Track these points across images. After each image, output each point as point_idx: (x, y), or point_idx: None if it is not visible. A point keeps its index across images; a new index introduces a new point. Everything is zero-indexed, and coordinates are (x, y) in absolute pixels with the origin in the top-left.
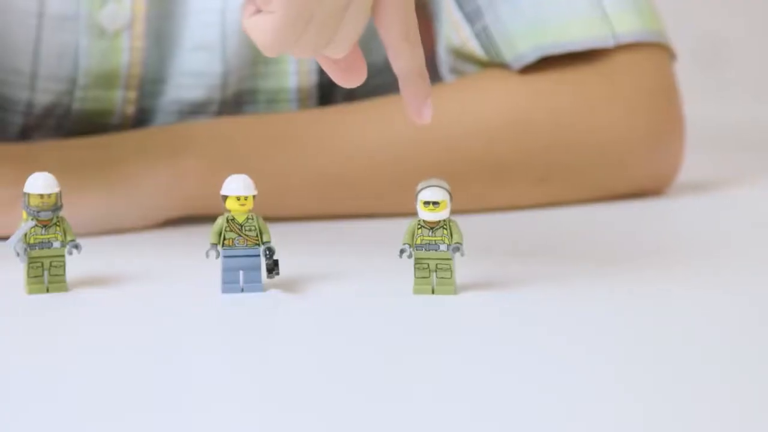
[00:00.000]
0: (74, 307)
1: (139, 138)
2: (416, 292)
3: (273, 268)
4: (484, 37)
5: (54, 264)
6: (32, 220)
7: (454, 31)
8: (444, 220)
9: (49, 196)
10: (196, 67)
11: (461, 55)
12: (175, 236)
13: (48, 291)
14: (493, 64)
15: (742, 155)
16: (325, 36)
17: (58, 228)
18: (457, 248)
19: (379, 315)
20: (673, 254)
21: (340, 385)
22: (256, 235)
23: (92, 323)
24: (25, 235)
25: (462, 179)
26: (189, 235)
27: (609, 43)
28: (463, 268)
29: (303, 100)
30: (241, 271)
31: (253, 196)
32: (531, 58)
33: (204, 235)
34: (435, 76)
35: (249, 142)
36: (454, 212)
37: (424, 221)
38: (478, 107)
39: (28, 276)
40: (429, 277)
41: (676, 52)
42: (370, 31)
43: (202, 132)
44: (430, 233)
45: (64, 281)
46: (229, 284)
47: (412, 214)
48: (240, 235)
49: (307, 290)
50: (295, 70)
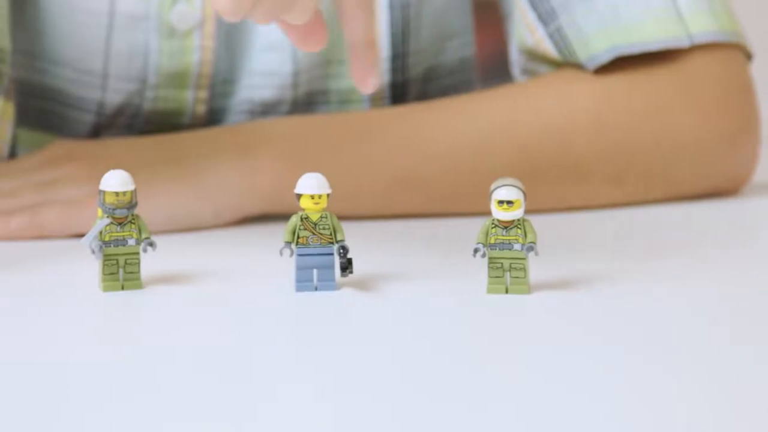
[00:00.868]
0: (149, 305)
1: (213, 136)
2: (490, 291)
3: (347, 266)
4: (558, 37)
5: (129, 261)
6: (108, 217)
7: (528, 32)
8: (518, 220)
9: (125, 193)
10: (267, 67)
11: (535, 56)
12: (249, 234)
13: (123, 288)
14: (566, 64)
15: None
16: (283, 2)
17: (133, 225)
18: (531, 248)
19: (453, 314)
20: (748, 254)
21: (413, 384)
22: (330, 234)
23: (167, 321)
24: (101, 233)
25: (536, 179)
26: (263, 234)
27: (684, 43)
28: (536, 268)
29: (375, 100)
30: (315, 270)
31: (327, 195)
32: (605, 58)
33: (278, 234)
34: (506, 77)
35: (323, 140)
36: (528, 212)
37: (498, 220)
38: (553, 107)
39: (104, 273)
40: (503, 277)
41: (752, 51)
42: (445, 31)
43: (277, 130)
44: (504, 232)
45: (139, 279)
46: (303, 283)
47: (486, 214)
48: (314, 234)
49: (380, 289)
50: None
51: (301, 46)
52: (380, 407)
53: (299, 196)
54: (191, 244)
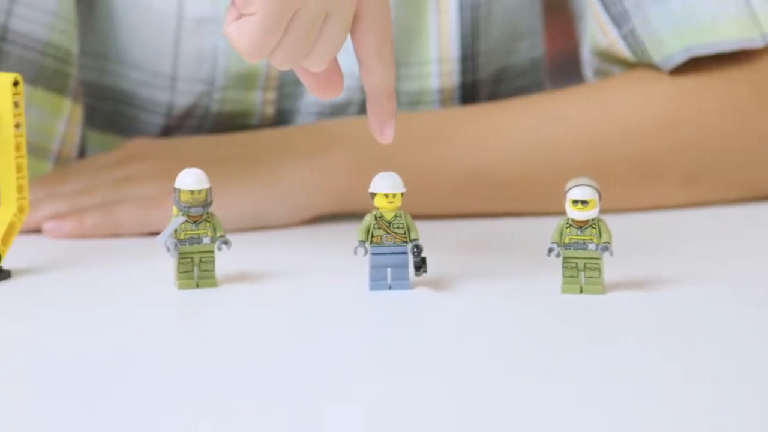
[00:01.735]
0: (223, 303)
1: (285, 135)
2: (564, 291)
3: (420, 265)
4: (631, 39)
5: (204, 260)
6: (183, 215)
7: (601, 33)
8: (593, 219)
9: (200, 192)
10: None
11: (608, 57)
12: (323, 233)
13: (198, 286)
14: (640, 65)
15: None
16: (305, 44)
17: (208, 224)
18: (606, 247)
19: (527, 314)
20: None
21: (486, 384)
22: (404, 233)
23: (241, 319)
24: (176, 231)
25: (610, 178)
26: (336, 233)
27: (758, 43)
28: (611, 268)
29: (445, 102)
30: (389, 269)
31: (402, 194)
32: (679, 59)
33: (351, 233)
34: (575, 77)
35: (397, 139)
36: (602, 211)
37: (573, 220)
38: (627, 107)
39: (179, 271)
40: (577, 277)
41: None
42: (515, 32)
43: (349, 130)
44: (579, 232)
45: (214, 277)
46: (377, 281)
47: (560, 213)
48: (388, 233)
49: (454, 288)
50: (437, 72)
51: (319, 93)
52: (452, 407)
53: (373, 195)
54: (265, 242)
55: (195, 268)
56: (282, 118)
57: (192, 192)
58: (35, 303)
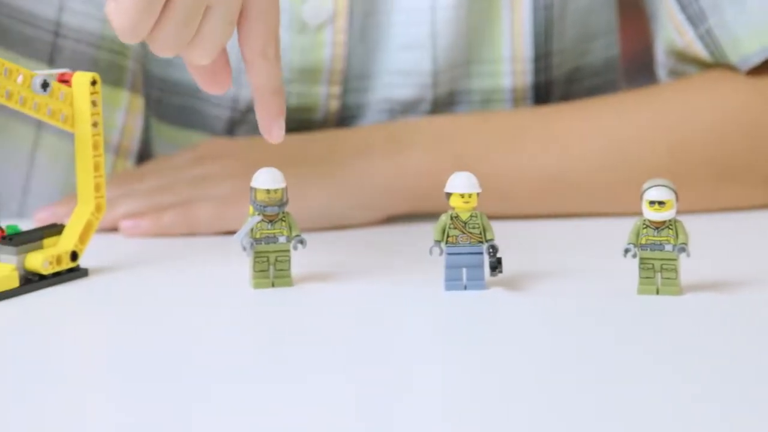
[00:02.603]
0: (298, 302)
1: (361, 134)
2: (641, 292)
3: (496, 266)
4: (708, 39)
5: (279, 259)
6: (259, 214)
7: (677, 33)
8: (670, 220)
9: (276, 191)
10: (405, 66)
11: (684, 57)
12: (398, 233)
13: (273, 285)
14: (716, 65)
15: None
16: (184, 33)
17: (284, 223)
18: (683, 248)
19: (602, 315)
20: None
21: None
22: (480, 233)
23: (316, 318)
24: (252, 230)
25: (687, 179)
26: (412, 232)
27: None
28: (688, 269)
29: (517, 101)
30: (464, 269)
31: (477, 194)
32: (758, 59)
33: (427, 232)
34: (649, 77)
35: (472, 139)
36: (681, 212)
37: (650, 221)
38: (705, 107)
39: (254, 270)
40: (654, 278)
41: None
42: (590, 31)
43: (426, 129)
44: (656, 233)
45: (290, 276)
46: (452, 282)
47: (635, 214)
48: (463, 233)
49: (529, 289)
50: (509, 70)
51: (205, 87)
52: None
53: (449, 195)
54: (341, 242)
55: (271, 268)
56: (347, 113)
57: (268, 191)
58: (112, 301)
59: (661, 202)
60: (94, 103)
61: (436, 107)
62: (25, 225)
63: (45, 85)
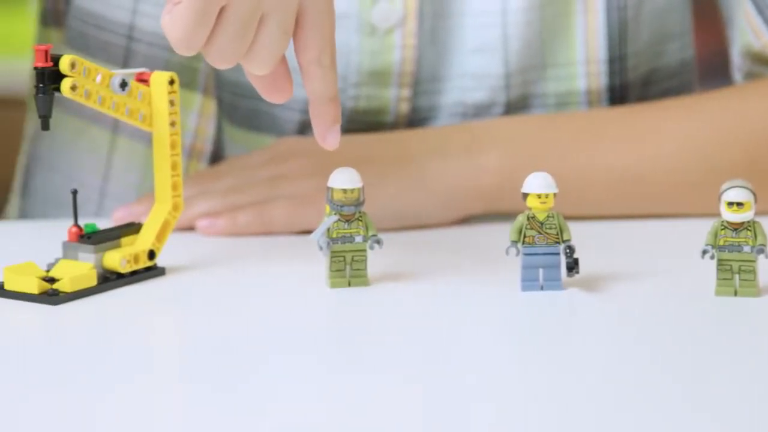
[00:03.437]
0: (375, 302)
1: (438, 135)
2: (718, 293)
3: (573, 266)
4: None
5: (356, 258)
6: (335, 214)
7: (754, 36)
8: (748, 222)
9: (353, 191)
10: (477, 69)
11: (761, 60)
12: (475, 233)
13: (350, 285)
14: None
15: None
16: (240, 43)
17: (360, 223)
18: (762, 250)
19: (680, 316)
20: None
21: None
22: (557, 233)
23: (393, 318)
24: (329, 230)
25: (765, 180)
26: (488, 232)
27: None
28: (766, 270)
29: (593, 104)
30: (541, 269)
31: (554, 194)
32: None
33: (503, 233)
34: (727, 79)
35: (548, 140)
36: (757, 214)
37: (728, 222)
38: None
39: (331, 270)
40: (732, 279)
41: None
42: (665, 33)
43: (501, 130)
44: (734, 234)
45: (366, 275)
46: (529, 282)
47: (713, 215)
48: (540, 233)
49: (606, 289)
50: (584, 73)
51: (266, 96)
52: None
53: (526, 195)
54: (417, 242)
55: (347, 267)
56: (419, 116)
57: (345, 191)
58: (189, 300)
59: (739, 203)
60: (171, 103)
61: (509, 110)
62: (103, 224)
63: (123, 85)
